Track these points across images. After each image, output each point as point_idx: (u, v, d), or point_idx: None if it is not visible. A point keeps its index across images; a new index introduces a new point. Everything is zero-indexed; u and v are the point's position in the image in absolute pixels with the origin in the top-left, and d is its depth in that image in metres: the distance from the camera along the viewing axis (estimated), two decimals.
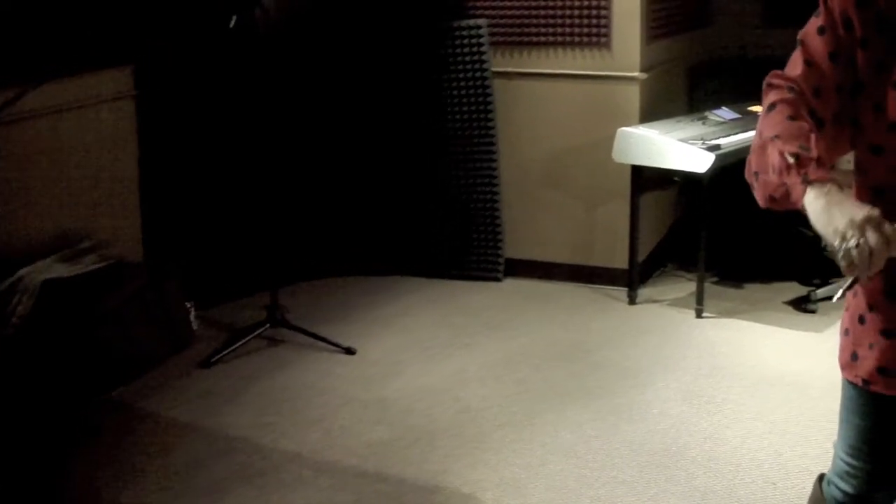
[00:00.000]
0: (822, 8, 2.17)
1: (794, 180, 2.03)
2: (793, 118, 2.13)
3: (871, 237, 1.90)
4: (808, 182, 2.01)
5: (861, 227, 1.91)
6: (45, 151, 4.92)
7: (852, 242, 1.90)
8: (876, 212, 1.93)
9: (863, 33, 2.11)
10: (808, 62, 2.17)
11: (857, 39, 2.11)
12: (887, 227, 1.92)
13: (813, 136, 2.11)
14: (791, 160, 2.03)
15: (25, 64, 4.57)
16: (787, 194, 2.05)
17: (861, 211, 1.94)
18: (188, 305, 5.23)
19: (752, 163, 2.16)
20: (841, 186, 2.02)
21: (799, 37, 2.21)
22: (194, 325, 5.27)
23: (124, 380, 4.75)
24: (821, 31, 2.16)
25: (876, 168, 2.17)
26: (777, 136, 2.10)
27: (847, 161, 2.27)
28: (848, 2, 2.11)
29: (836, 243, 1.94)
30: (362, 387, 4.74)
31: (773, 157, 2.08)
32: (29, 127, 4.82)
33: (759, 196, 2.17)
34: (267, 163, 5.12)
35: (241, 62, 5.19)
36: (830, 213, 1.96)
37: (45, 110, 4.87)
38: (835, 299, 2.06)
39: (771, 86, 2.21)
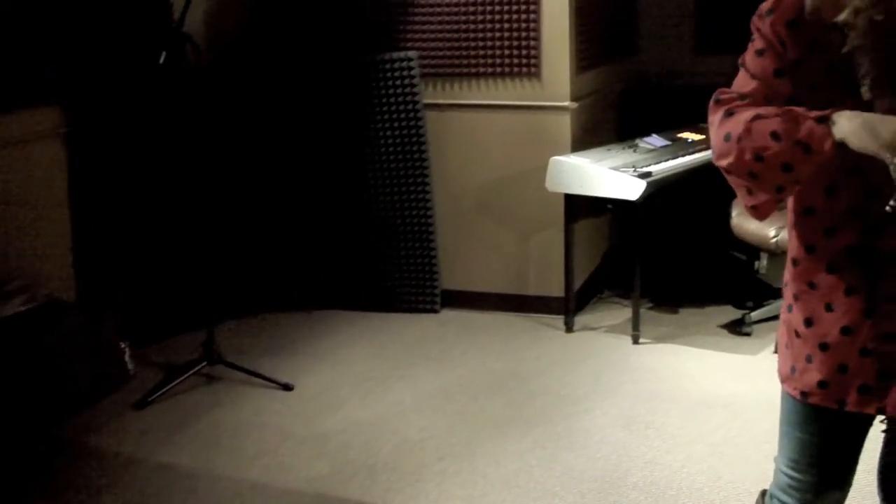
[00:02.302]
0: (755, 34, 2.20)
1: (808, 127, 2.04)
2: (759, 108, 2.15)
3: None
4: (825, 119, 2.03)
5: None
6: None
7: None
8: None
9: (796, 55, 2.14)
10: (755, 77, 2.19)
11: (792, 61, 2.14)
12: None
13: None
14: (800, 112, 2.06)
15: None
16: (806, 149, 2.05)
17: None
18: (123, 345, 5.17)
19: (743, 153, 2.13)
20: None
21: (740, 60, 2.24)
22: (130, 365, 5.20)
23: (56, 421, 4.67)
24: (760, 52, 2.18)
25: (810, 188, 2.20)
26: (757, 115, 2.11)
27: None
28: (779, 23, 2.14)
29: (887, 156, 1.97)
30: (300, 422, 4.70)
31: (770, 126, 2.08)
32: None
33: (764, 180, 2.15)
34: (200, 199, 5.08)
35: (172, 98, 5.16)
36: (873, 130, 1.98)
37: None
38: (888, 209, 2.03)
39: (720, 101, 2.22)
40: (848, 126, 2.00)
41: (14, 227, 5.06)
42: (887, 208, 2.02)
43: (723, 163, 2.18)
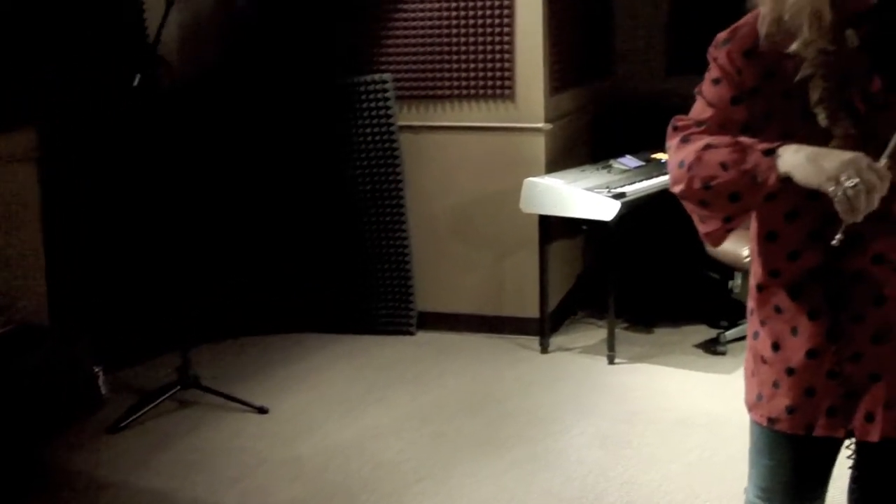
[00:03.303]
0: (712, 63, 2.22)
1: (755, 159, 2.06)
2: (712, 136, 2.17)
3: (867, 174, 1.94)
4: (771, 152, 2.04)
5: (855, 166, 1.95)
6: None
7: (849, 183, 1.94)
8: (860, 153, 1.97)
9: (753, 83, 2.16)
10: (711, 105, 2.21)
11: (749, 89, 2.17)
12: (877, 164, 1.96)
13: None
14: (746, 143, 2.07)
15: None
16: (751, 180, 2.07)
17: (847, 153, 1.98)
18: (96, 369, 5.13)
19: (693, 181, 2.15)
20: None
21: (696, 90, 2.26)
22: (103, 389, 5.17)
23: (29, 445, 4.63)
24: (716, 81, 2.21)
25: (772, 213, 2.21)
26: (708, 144, 2.13)
27: None
28: (735, 52, 2.17)
29: (832, 189, 1.96)
30: (277, 446, 4.68)
31: (719, 156, 2.10)
32: None
33: (715, 209, 2.17)
34: (174, 222, 5.07)
35: (146, 120, 5.15)
36: (817, 162, 1.99)
37: None
38: (833, 243, 2.04)
39: (677, 128, 2.25)
40: (792, 160, 2.02)
41: None
42: (833, 242, 2.03)
43: (676, 189, 2.21)
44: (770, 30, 2.11)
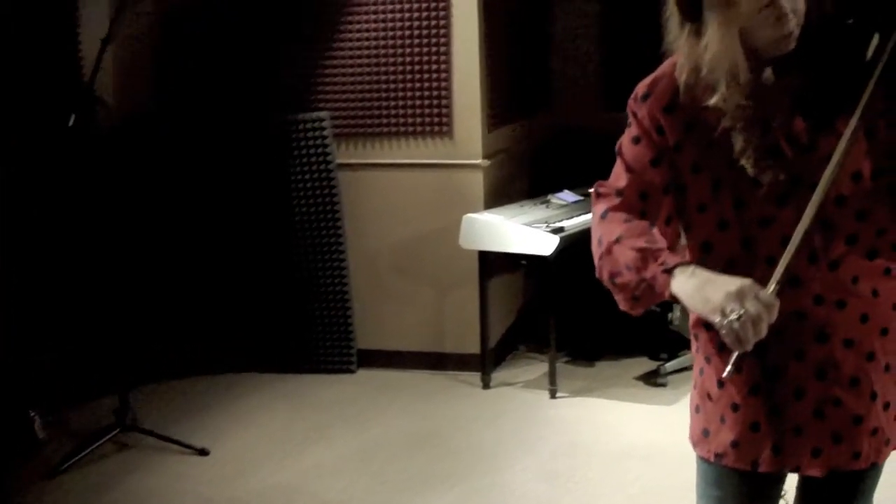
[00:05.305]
0: (632, 119, 2.23)
1: (653, 271, 2.08)
2: (628, 220, 2.18)
3: (751, 306, 1.93)
4: (669, 270, 2.06)
5: (740, 298, 1.94)
6: None
7: (734, 315, 1.93)
8: (749, 281, 1.97)
9: (675, 139, 2.17)
10: (630, 169, 2.22)
11: (671, 145, 2.18)
12: (763, 293, 1.95)
13: (655, 230, 2.16)
14: (649, 248, 2.08)
15: None
16: (649, 288, 2.09)
17: (735, 282, 1.97)
18: (32, 413, 5.05)
19: (602, 269, 2.20)
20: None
21: (616, 148, 2.26)
22: (40, 433, 5.08)
23: None
24: (636, 140, 2.21)
25: (710, 265, 2.21)
26: (619, 238, 2.15)
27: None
28: (656, 109, 2.17)
29: (717, 320, 1.96)
30: (217, 487, 4.63)
31: (625, 257, 2.12)
32: None
33: (621, 299, 2.20)
34: (112, 263, 5.02)
35: (82, 160, 5.10)
36: (704, 292, 2.00)
37: None
38: (724, 376, 2.06)
39: (600, 195, 2.26)
40: (684, 286, 2.03)
41: None
42: (724, 375, 2.06)
43: (595, 261, 2.24)
44: (688, 81, 2.12)
